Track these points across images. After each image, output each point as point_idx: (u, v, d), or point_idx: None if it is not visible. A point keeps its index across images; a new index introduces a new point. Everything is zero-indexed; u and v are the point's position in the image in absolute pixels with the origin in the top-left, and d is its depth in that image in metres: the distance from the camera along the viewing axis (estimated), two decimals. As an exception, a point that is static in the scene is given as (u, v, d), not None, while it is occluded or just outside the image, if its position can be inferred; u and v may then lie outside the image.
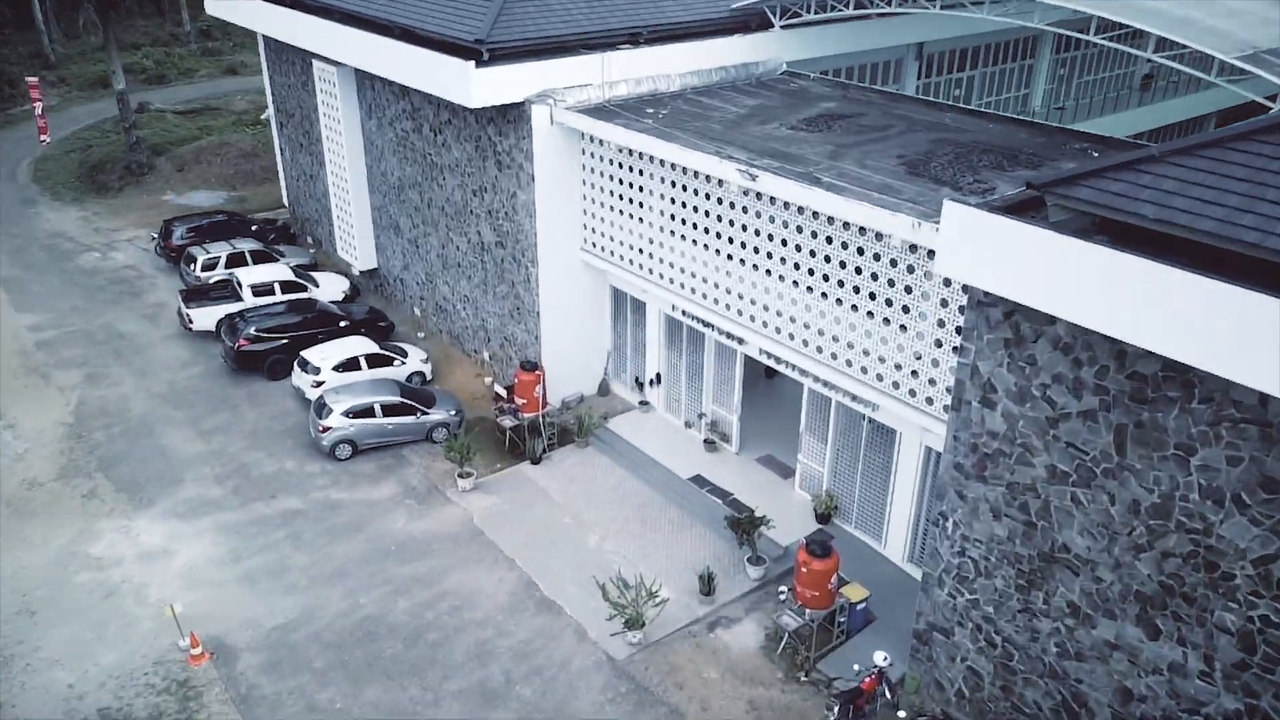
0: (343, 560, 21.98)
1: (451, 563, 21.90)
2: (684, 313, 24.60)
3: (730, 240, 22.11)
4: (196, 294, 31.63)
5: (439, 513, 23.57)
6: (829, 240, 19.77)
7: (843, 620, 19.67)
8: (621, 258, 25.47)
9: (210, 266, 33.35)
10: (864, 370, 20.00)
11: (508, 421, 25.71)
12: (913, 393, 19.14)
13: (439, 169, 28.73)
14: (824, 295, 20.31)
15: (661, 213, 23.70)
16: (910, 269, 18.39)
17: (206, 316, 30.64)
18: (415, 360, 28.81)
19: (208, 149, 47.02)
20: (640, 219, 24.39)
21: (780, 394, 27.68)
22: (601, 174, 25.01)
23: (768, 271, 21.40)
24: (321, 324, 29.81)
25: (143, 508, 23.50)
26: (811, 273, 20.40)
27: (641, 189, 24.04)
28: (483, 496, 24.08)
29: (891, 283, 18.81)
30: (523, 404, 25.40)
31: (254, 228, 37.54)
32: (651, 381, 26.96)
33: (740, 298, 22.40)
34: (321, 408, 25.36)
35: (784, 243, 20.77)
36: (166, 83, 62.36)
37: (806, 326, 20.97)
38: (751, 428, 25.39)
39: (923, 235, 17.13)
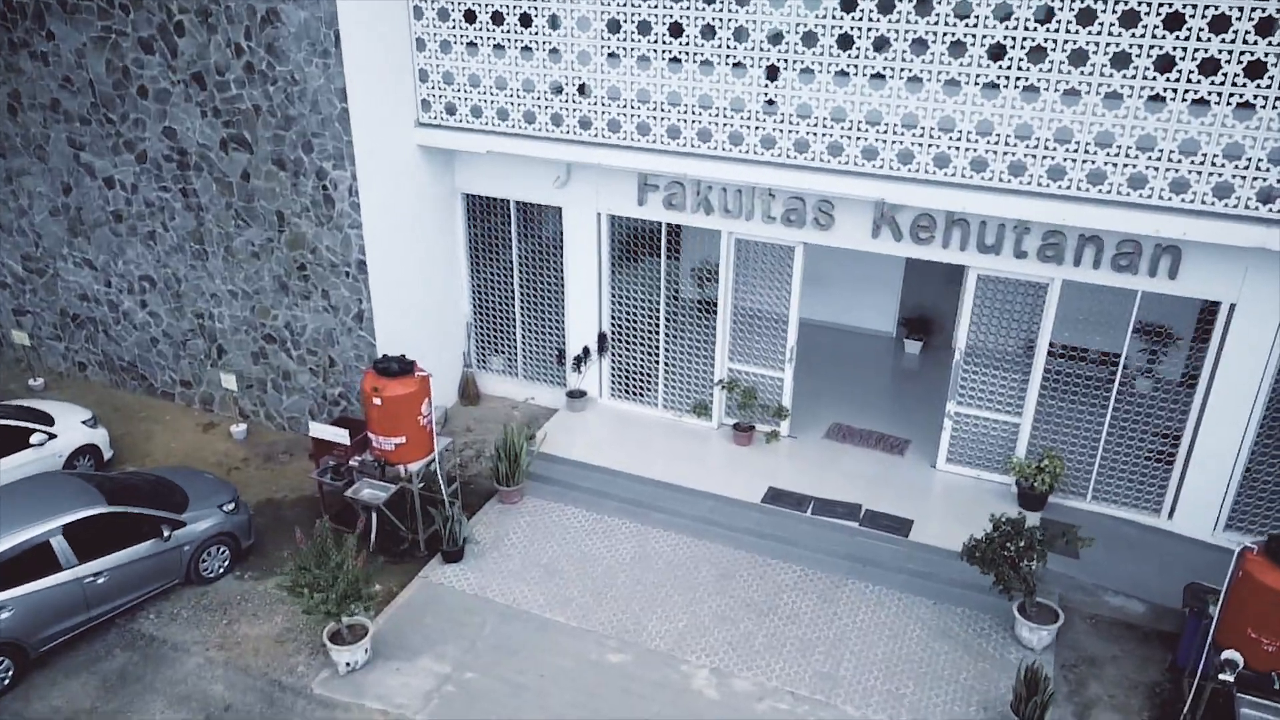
0: None
1: None
2: (670, 199, 12.87)
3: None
4: None
5: (321, 744, 9.79)
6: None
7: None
8: (527, 117, 12.90)
9: None
10: (1163, 177, 10.23)
11: (369, 493, 12.13)
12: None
13: (42, 5, 13.56)
14: (1082, 57, 10.11)
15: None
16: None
17: None
18: (73, 425, 13.56)
19: None
20: (558, 25, 12.14)
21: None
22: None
23: (916, 40, 10.63)
24: None
25: None
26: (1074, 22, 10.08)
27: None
28: (401, 667, 10.53)
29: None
30: (395, 448, 12.04)
31: None
32: (584, 354, 14.74)
33: (838, 122, 11.37)
34: (-103, 587, 9.94)
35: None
36: None
37: (1031, 140, 10.66)
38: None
39: None
